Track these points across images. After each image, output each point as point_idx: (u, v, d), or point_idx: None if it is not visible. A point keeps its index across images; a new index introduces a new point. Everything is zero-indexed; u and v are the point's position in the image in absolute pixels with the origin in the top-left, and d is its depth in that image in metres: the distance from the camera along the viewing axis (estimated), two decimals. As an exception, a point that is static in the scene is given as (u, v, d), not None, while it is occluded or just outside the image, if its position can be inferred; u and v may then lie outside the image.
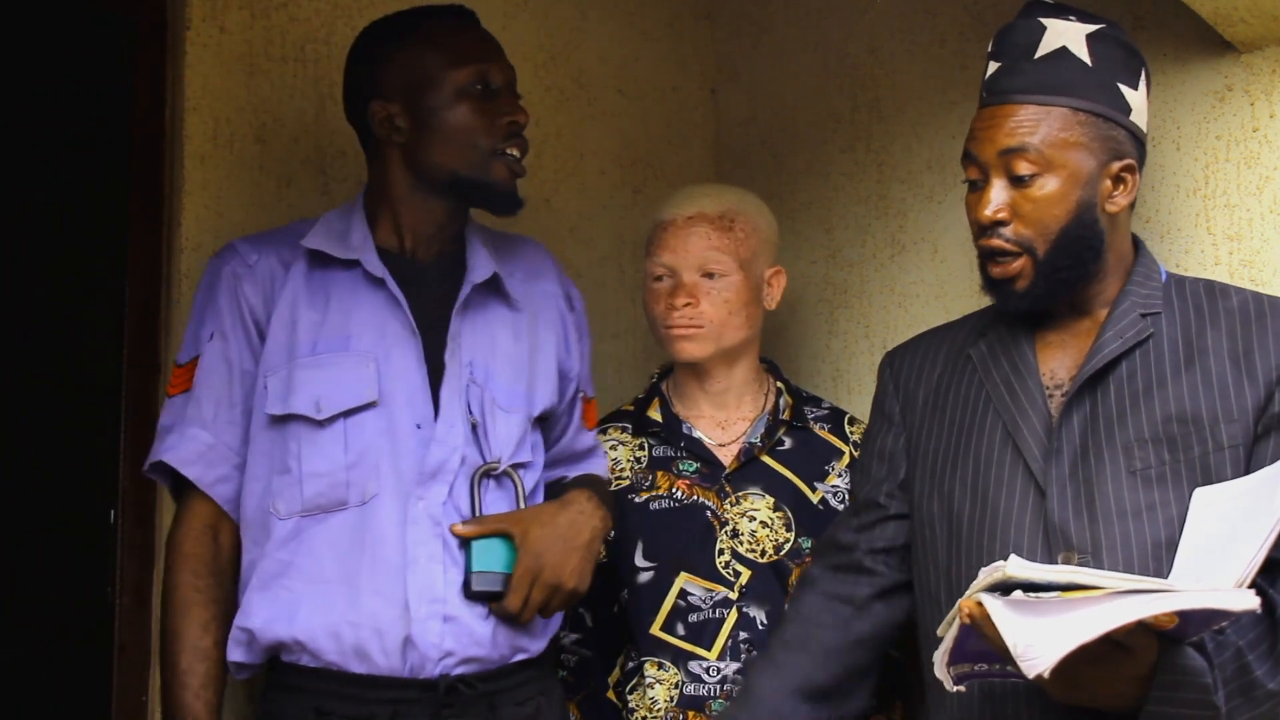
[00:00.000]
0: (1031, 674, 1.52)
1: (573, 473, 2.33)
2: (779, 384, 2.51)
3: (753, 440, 2.43)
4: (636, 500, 2.41)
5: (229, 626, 2.03)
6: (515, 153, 2.13)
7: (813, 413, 2.48)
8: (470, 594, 2.02)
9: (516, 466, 2.13)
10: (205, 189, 2.39)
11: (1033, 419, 1.92)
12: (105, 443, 2.44)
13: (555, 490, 2.26)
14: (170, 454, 2.06)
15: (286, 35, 2.48)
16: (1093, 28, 1.94)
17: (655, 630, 2.35)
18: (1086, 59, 1.92)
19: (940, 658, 1.70)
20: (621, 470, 2.44)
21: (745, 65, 2.99)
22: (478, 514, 2.06)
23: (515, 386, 2.15)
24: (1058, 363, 1.96)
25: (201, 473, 2.06)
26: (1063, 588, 1.57)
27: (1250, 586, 1.60)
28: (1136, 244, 2.01)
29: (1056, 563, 1.83)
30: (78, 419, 2.76)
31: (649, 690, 2.32)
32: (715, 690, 2.31)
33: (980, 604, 1.59)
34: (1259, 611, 1.58)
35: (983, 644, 1.66)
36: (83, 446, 2.71)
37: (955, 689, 1.73)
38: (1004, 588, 1.59)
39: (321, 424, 2.03)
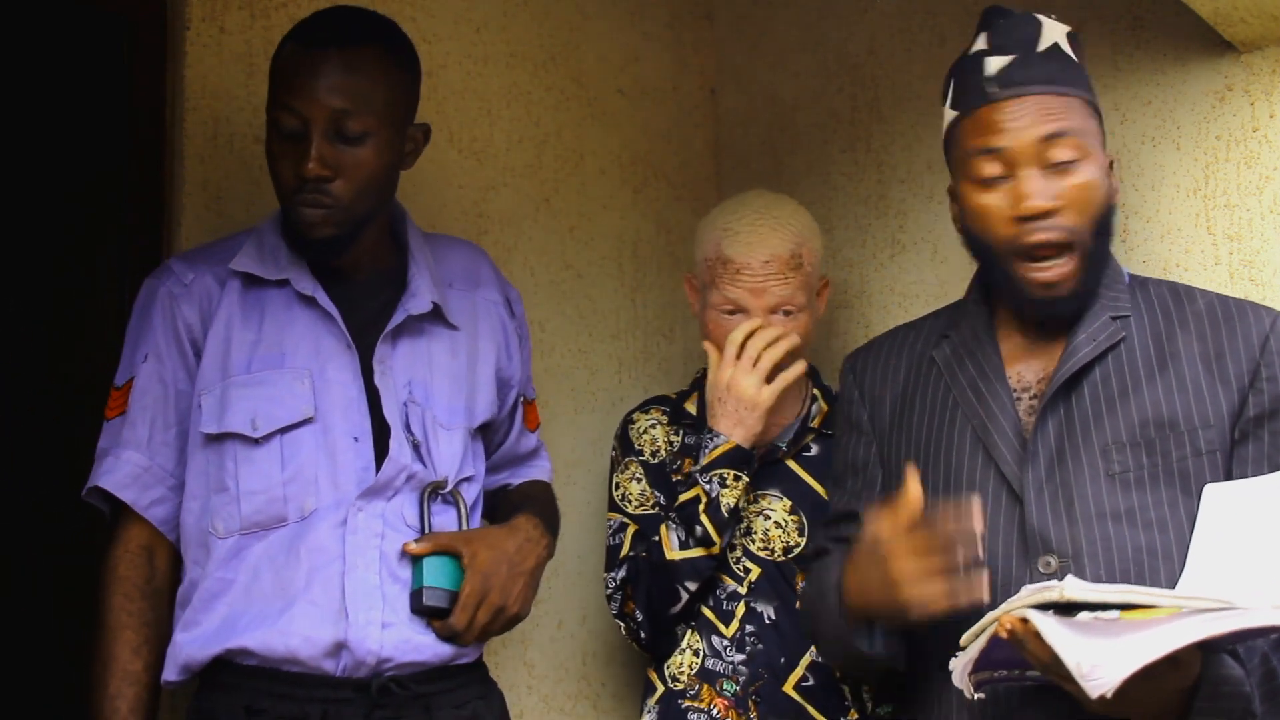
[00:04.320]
0: (1095, 694, 1.52)
1: (516, 479, 2.33)
2: (816, 390, 2.53)
3: (779, 444, 2.46)
4: (672, 480, 2.48)
5: (161, 649, 2.02)
6: (306, 206, 2.01)
7: None
8: (417, 608, 2.02)
9: (461, 482, 2.13)
10: (205, 189, 2.39)
11: (1002, 423, 1.91)
12: (105, 443, 2.44)
13: (498, 501, 2.26)
14: (106, 478, 2.05)
15: (286, 35, 2.48)
16: (1067, 28, 1.95)
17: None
18: (1074, 56, 1.93)
19: (963, 667, 1.70)
20: (658, 446, 2.52)
21: (745, 65, 2.99)
22: (428, 531, 2.06)
23: (455, 403, 2.14)
24: (1024, 365, 1.95)
25: (136, 495, 2.05)
26: (1120, 607, 1.57)
27: None
28: None
29: (1037, 567, 1.84)
30: (78, 419, 2.76)
31: (680, 654, 2.40)
32: (728, 670, 2.36)
33: (1024, 620, 1.59)
34: None
35: (1011, 653, 1.65)
36: (83, 446, 2.71)
37: (976, 696, 1.73)
38: (1056, 607, 1.59)
39: (258, 442, 2.01)
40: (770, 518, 2.40)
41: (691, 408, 2.53)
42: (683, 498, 2.37)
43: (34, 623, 3.04)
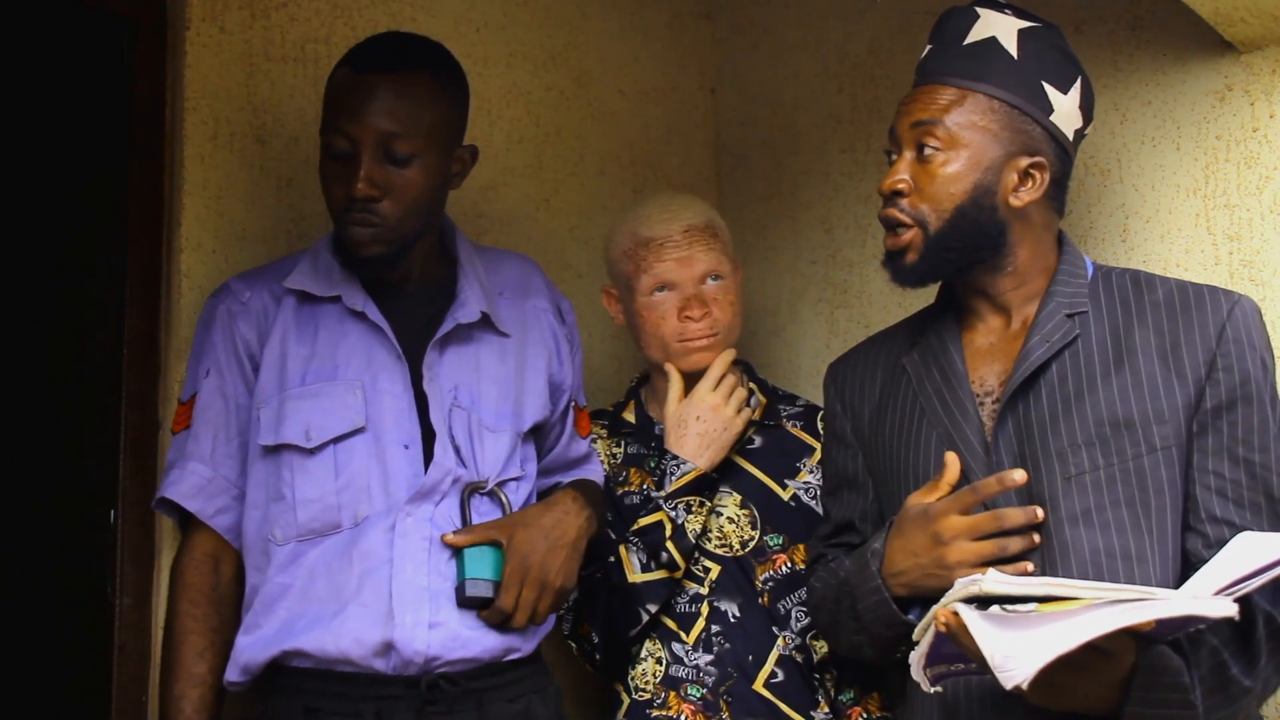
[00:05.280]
0: (1009, 685, 1.54)
1: (567, 479, 2.36)
2: (752, 384, 2.54)
3: None
4: (617, 493, 2.48)
5: (226, 653, 2.08)
6: (355, 225, 2.06)
7: (786, 410, 2.52)
8: (462, 601, 2.05)
9: (505, 482, 2.17)
10: (205, 189, 2.39)
11: (966, 430, 1.93)
12: (105, 443, 2.44)
13: (548, 494, 2.29)
14: (172, 490, 2.13)
15: (286, 35, 2.48)
16: (1027, 25, 1.96)
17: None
18: (1013, 52, 1.95)
19: (917, 660, 1.72)
20: (600, 461, 2.50)
21: (745, 65, 2.99)
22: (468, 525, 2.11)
23: (502, 406, 2.19)
24: (987, 369, 1.97)
25: (202, 505, 2.12)
26: (1040, 599, 1.58)
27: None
28: (1062, 241, 2.02)
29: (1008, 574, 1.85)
30: (78, 419, 2.76)
31: (642, 663, 2.39)
32: (691, 675, 2.36)
33: (956, 614, 1.61)
34: (1236, 617, 1.58)
35: (955, 646, 1.68)
36: (83, 446, 2.71)
37: (933, 689, 1.75)
38: (981, 600, 1.61)
39: (312, 452, 2.08)
40: (723, 514, 2.42)
41: (630, 416, 2.54)
42: (644, 521, 2.38)
43: (34, 623, 3.05)
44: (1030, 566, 1.84)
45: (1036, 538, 1.84)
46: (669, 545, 2.35)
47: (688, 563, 2.37)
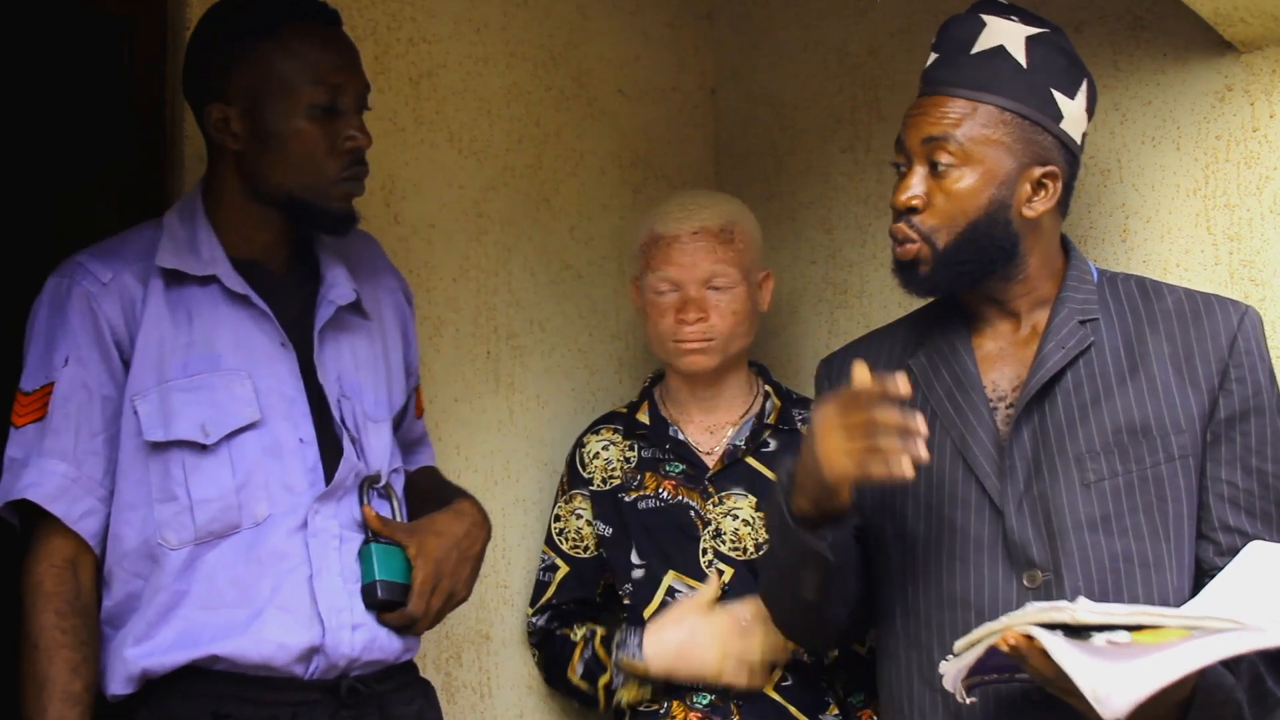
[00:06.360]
0: (1109, 717, 1.53)
1: (411, 464, 2.29)
2: (768, 387, 2.54)
3: (737, 443, 2.48)
4: (626, 500, 2.47)
5: (96, 667, 1.95)
6: (356, 180, 2.04)
7: (801, 415, 2.51)
8: (372, 602, 2.01)
9: (391, 474, 2.13)
10: (205, 189, 2.38)
11: (980, 434, 1.92)
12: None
13: (417, 492, 2.23)
14: (32, 490, 1.94)
15: (286, 35, 2.48)
16: (1034, 31, 1.94)
17: (648, 617, 2.42)
18: (1022, 60, 1.92)
19: (956, 673, 1.71)
20: (612, 469, 2.50)
21: (745, 65, 2.99)
22: (369, 527, 2.06)
23: (379, 394, 2.14)
24: (999, 374, 1.96)
25: (66, 508, 1.95)
26: (1129, 628, 1.58)
27: None
28: (1066, 245, 2.02)
29: (1023, 581, 1.86)
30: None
31: None
32: (698, 683, 2.36)
33: (1028, 637, 1.60)
34: None
35: (1005, 660, 1.67)
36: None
37: (968, 700, 1.74)
38: (1065, 627, 1.60)
39: (208, 448, 1.97)
40: (738, 517, 2.41)
41: (644, 417, 2.53)
42: (598, 647, 2.41)
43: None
44: (1039, 576, 1.84)
45: (905, 388, 1.76)
46: (600, 690, 2.40)
47: (608, 709, 2.42)
